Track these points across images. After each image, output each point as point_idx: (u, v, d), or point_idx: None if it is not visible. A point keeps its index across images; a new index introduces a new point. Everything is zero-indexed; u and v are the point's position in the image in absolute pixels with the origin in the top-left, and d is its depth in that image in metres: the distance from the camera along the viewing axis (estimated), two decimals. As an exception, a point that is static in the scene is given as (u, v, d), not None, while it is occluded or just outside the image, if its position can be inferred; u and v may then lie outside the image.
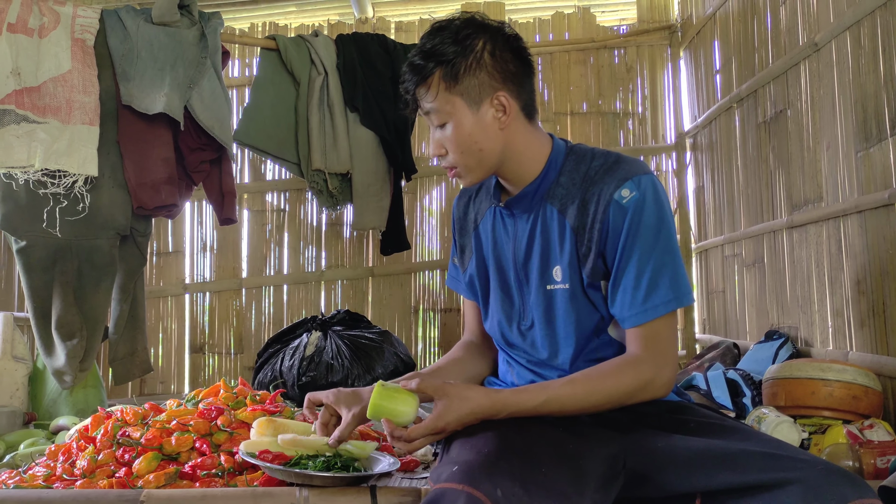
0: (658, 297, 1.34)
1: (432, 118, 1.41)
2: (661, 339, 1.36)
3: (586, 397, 1.31)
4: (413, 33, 4.18)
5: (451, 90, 1.38)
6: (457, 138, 1.39)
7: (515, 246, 1.49)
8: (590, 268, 1.39)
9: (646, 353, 1.34)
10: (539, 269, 1.45)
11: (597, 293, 1.42)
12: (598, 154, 1.45)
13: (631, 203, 1.35)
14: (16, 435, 2.43)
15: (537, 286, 1.45)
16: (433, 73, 1.38)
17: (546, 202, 1.45)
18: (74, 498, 1.51)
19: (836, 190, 2.50)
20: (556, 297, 1.44)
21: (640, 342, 1.35)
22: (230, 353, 4.15)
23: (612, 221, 1.36)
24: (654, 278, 1.34)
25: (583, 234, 1.40)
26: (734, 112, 3.34)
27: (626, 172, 1.37)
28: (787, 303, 2.84)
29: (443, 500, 1.09)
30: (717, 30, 3.54)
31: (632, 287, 1.35)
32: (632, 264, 1.35)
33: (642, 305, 1.34)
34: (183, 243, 4.19)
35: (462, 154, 1.40)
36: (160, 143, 2.97)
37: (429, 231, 4.20)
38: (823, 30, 2.55)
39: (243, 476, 1.65)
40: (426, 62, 1.38)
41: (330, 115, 3.44)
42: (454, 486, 1.10)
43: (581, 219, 1.40)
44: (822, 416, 2.11)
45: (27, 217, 2.79)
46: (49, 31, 2.81)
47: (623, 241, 1.35)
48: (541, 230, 1.45)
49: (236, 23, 4.23)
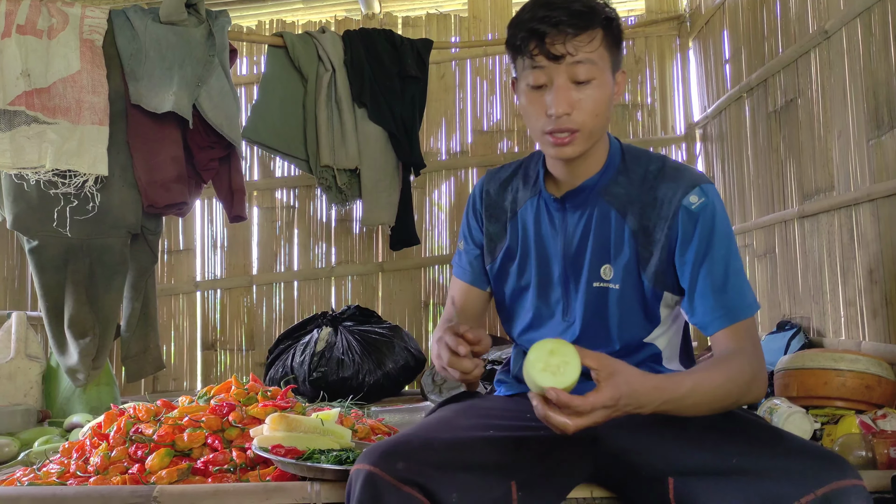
0: (743, 299, 1.34)
1: (579, 71, 1.30)
2: (755, 338, 1.34)
3: (719, 385, 1.22)
4: (420, 28, 4.17)
5: (608, 49, 1.34)
6: (597, 98, 1.32)
7: (566, 240, 1.45)
8: (653, 272, 1.38)
9: (748, 345, 1.31)
10: (589, 265, 1.42)
11: (655, 300, 1.41)
12: (653, 157, 1.45)
13: (700, 209, 1.34)
14: (30, 433, 2.45)
15: (585, 283, 1.43)
16: (598, 27, 1.31)
17: (602, 199, 1.42)
18: (88, 494, 1.53)
19: (848, 179, 2.48)
20: (603, 296, 1.42)
21: (738, 337, 1.32)
22: (241, 349, 4.17)
23: (683, 227, 1.35)
24: (735, 282, 1.34)
25: (645, 236, 1.38)
26: (744, 102, 3.32)
27: (692, 179, 1.37)
28: (799, 293, 2.82)
29: (351, 482, 1.17)
30: (726, 19, 3.52)
31: (716, 291, 1.33)
32: (711, 270, 1.33)
33: (729, 308, 1.33)
34: (193, 241, 4.21)
35: (595, 117, 1.33)
36: (169, 141, 2.98)
37: (438, 226, 4.20)
38: (834, 17, 2.52)
39: (255, 471, 1.66)
40: (593, 14, 1.31)
41: (338, 111, 3.44)
42: (358, 466, 1.17)
43: (643, 221, 1.39)
44: (835, 406, 2.10)
45: (39, 217, 2.81)
46: (58, 32, 2.83)
47: (696, 247, 1.34)
48: (596, 227, 1.42)
49: (244, 21, 4.24)
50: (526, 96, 1.35)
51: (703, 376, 1.22)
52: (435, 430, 1.27)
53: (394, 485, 1.12)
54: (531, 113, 1.36)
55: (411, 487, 1.13)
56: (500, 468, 1.21)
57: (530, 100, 1.35)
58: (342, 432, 1.72)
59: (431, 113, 4.10)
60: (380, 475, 1.13)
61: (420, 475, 1.14)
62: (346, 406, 2.36)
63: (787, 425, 1.86)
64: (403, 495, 1.12)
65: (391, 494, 1.12)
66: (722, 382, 1.22)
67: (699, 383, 1.20)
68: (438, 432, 1.26)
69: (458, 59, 4.21)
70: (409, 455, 1.16)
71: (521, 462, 1.24)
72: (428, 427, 1.30)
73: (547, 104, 1.31)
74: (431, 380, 3.12)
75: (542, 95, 1.33)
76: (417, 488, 1.13)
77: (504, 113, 4.20)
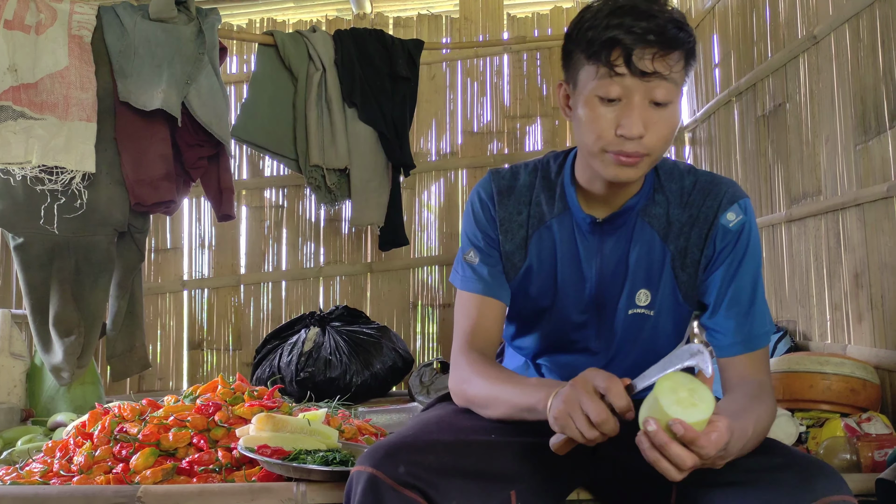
0: (764, 324, 1.32)
1: (659, 91, 1.18)
2: (769, 367, 1.33)
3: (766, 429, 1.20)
4: (411, 29, 4.17)
5: (686, 72, 1.24)
6: (671, 123, 1.23)
7: (602, 263, 1.36)
8: (686, 293, 1.35)
9: (766, 378, 1.31)
10: (626, 292, 1.36)
11: (682, 322, 1.38)
12: (685, 170, 1.38)
13: (738, 227, 1.31)
14: (13, 431, 2.43)
15: (621, 309, 1.36)
16: (684, 49, 1.20)
17: (642, 221, 1.35)
18: (71, 494, 1.51)
19: (835, 183, 2.49)
20: (639, 323, 1.37)
21: (758, 369, 1.30)
22: (228, 349, 4.14)
23: (718, 245, 1.31)
24: (759, 305, 1.32)
25: (684, 258, 1.34)
26: (733, 106, 3.33)
27: (731, 195, 1.32)
28: (786, 296, 2.84)
29: (351, 484, 1.15)
30: (716, 23, 3.54)
31: (742, 314, 1.30)
32: (739, 291, 1.31)
33: (751, 333, 1.30)
34: (181, 240, 4.18)
35: (664, 142, 1.23)
36: (158, 139, 2.96)
37: (427, 227, 4.19)
38: (822, 22, 2.54)
39: (241, 471, 1.65)
40: (682, 30, 1.19)
41: (328, 110, 3.43)
42: (359, 468, 1.15)
43: (682, 243, 1.34)
44: (820, 409, 2.11)
45: (24, 214, 2.79)
46: (46, 27, 2.81)
47: (728, 266, 1.31)
48: (635, 251, 1.35)
49: (234, 19, 4.22)
50: (591, 108, 1.21)
51: (758, 419, 1.16)
52: (436, 431, 1.24)
53: (395, 488, 1.11)
54: (593, 128, 1.21)
55: (412, 491, 1.11)
56: (500, 476, 1.20)
57: (596, 113, 1.20)
58: (329, 433, 1.71)
59: (422, 114, 4.10)
60: (381, 478, 1.11)
61: (421, 479, 1.12)
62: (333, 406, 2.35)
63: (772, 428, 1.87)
64: (405, 499, 1.10)
65: (392, 498, 1.10)
66: (768, 423, 1.21)
67: (757, 428, 1.15)
68: (440, 434, 1.23)
69: (448, 60, 4.20)
70: (411, 458, 1.14)
71: (523, 471, 1.22)
72: (428, 427, 1.26)
73: (620, 123, 1.19)
74: (419, 381, 3.11)
75: (611, 110, 1.20)
76: (418, 492, 1.12)
77: (494, 114, 4.20)
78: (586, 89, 1.22)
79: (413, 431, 1.23)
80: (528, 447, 1.25)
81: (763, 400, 1.23)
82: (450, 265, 3.95)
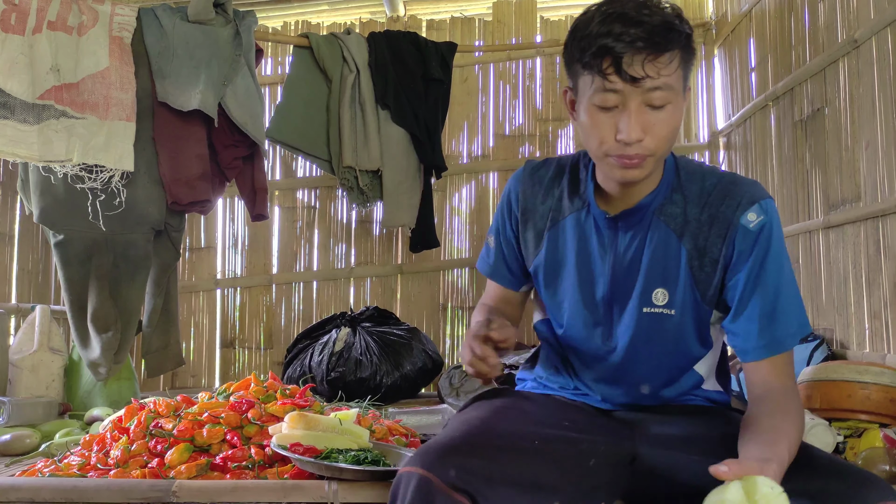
0: (790, 327, 1.29)
1: (654, 95, 1.20)
2: (793, 372, 1.31)
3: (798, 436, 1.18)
4: (444, 31, 4.18)
5: (684, 69, 1.24)
6: (671, 123, 1.23)
7: (615, 261, 1.36)
8: (711, 294, 1.33)
9: (791, 384, 1.29)
10: (640, 289, 1.35)
11: (703, 324, 1.37)
12: (708, 171, 1.37)
13: (758, 228, 1.28)
14: (51, 425, 2.48)
15: (635, 307, 1.36)
16: (676, 47, 1.20)
17: (657, 219, 1.35)
18: (108, 487, 1.54)
19: (875, 189, 2.44)
20: (655, 322, 1.35)
21: (781, 372, 1.29)
22: (260, 348, 4.18)
23: (738, 246, 1.29)
24: (784, 308, 1.28)
25: (702, 258, 1.32)
26: (769, 110, 3.29)
27: (751, 195, 1.30)
28: (823, 304, 2.79)
29: (400, 484, 1.14)
30: (753, 27, 3.49)
31: (765, 317, 1.28)
32: (762, 294, 1.28)
33: (774, 338, 1.28)
34: (215, 239, 4.23)
35: (666, 142, 1.24)
36: (194, 139, 3.00)
37: (458, 229, 4.19)
38: (863, 27, 2.49)
39: (274, 468, 1.66)
40: (672, 32, 1.19)
41: (361, 112, 3.45)
42: (409, 469, 1.13)
43: (699, 242, 1.32)
44: (859, 419, 2.07)
45: (65, 211, 2.84)
46: (88, 28, 2.86)
47: (749, 268, 1.29)
48: (650, 248, 1.35)
49: (270, 21, 4.27)
50: (591, 116, 1.24)
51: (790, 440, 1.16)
52: (481, 434, 1.23)
53: (446, 491, 1.10)
54: (594, 134, 1.25)
55: (462, 495, 1.11)
56: (544, 487, 1.20)
57: (596, 120, 1.24)
58: (360, 432, 1.72)
59: (454, 116, 4.10)
60: (433, 480, 1.10)
61: (470, 485, 1.12)
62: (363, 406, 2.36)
63: (809, 437, 1.84)
64: (455, 503, 1.10)
65: (443, 501, 1.10)
66: (800, 434, 1.19)
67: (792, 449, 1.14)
68: (487, 438, 1.22)
69: (481, 62, 4.21)
70: (461, 462, 1.13)
71: (565, 481, 1.22)
72: (473, 430, 1.24)
73: (619, 129, 1.21)
74: (449, 383, 3.11)
75: (610, 117, 1.22)
76: (468, 497, 1.11)
77: (526, 117, 4.20)
78: (585, 98, 1.25)
79: (460, 433, 1.22)
80: (570, 457, 1.25)
81: (792, 411, 1.22)
82: (480, 268, 3.96)
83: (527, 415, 1.36)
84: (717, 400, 1.46)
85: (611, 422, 1.40)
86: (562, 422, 1.34)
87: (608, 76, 1.19)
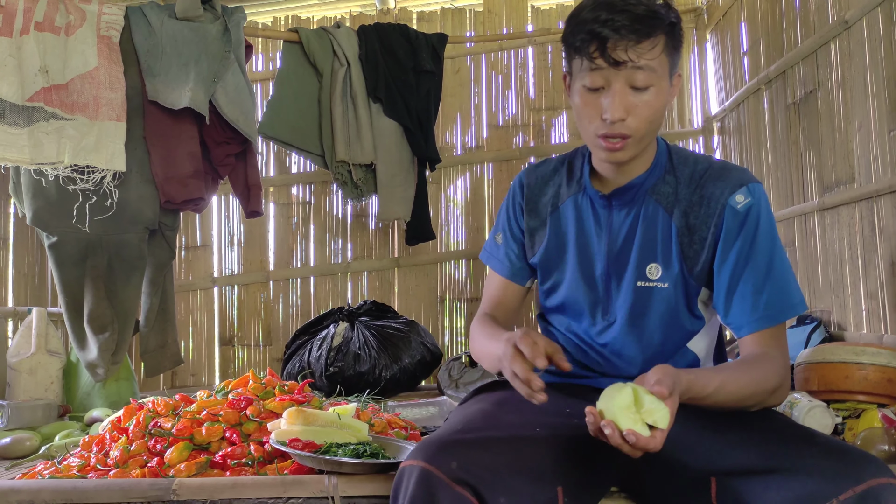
0: (779, 302, 1.34)
1: (637, 77, 1.28)
2: (783, 345, 1.36)
3: (744, 387, 1.25)
4: (435, 23, 4.17)
5: (668, 55, 1.32)
6: (654, 105, 1.31)
7: (610, 238, 1.45)
8: (699, 270, 1.39)
9: (777, 353, 1.33)
10: (635, 264, 1.43)
11: (692, 298, 1.42)
12: (699, 158, 1.45)
13: (746, 209, 1.35)
14: (51, 427, 2.48)
15: (630, 282, 1.43)
16: (659, 33, 1.29)
17: (650, 198, 1.43)
18: (108, 487, 1.54)
19: (869, 170, 2.44)
20: (650, 295, 1.42)
21: (767, 343, 1.34)
22: (259, 344, 4.19)
23: (727, 225, 1.36)
24: (774, 284, 1.34)
25: (691, 234, 1.39)
26: (762, 94, 3.28)
27: (739, 179, 1.38)
28: (820, 286, 2.79)
29: (402, 477, 1.15)
30: (744, 11, 3.48)
31: (753, 293, 1.34)
32: (751, 270, 1.34)
33: (765, 311, 1.34)
34: (210, 237, 4.23)
35: (649, 123, 1.32)
36: (186, 137, 2.99)
37: (454, 221, 4.19)
38: (854, 7, 2.49)
39: (273, 465, 1.66)
40: (655, 19, 1.28)
41: (353, 106, 3.44)
42: (411, 462, 1.15)
43: (690, 220, 1.40)
44: (857, 400, 2.08)
45: (57, 213, 2.84)
46: (75, 28, 2.85)
47: (739, 247, 1.35)
48: (642, 225, 1.43)
49: (259, 17, 4.25)
50: (581, 97, 1.34)
51: (731, 377, 1.24)
52: (484, 427, 1.26)
53: (448, 483, 1.11)
54: (585, 115, 1.34)
55: (463, 488, 1.12)
56: (548, 473, 1.21)
57: (585, 101, 1.33)
58: (359, 426, 1.72)
59: (446, 108, 4.09)
60: (435, 473, 1.11)
61: (472, 476, 1.13)
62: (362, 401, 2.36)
63: (807, 420, 1.84)
64: (456, 495, 1.11)
65: (445, 493, 1.11)
66: (747, 385, 1.25)
67: (725, 385, 1.23)
68: (488, 430, 1.25)
69: (472, 53, 4.19)
70: (462, 454, 1.15)
71: (568, 467, 1.24)
72: (475, 423, 1.27)
73: (603, 108, 1.30)
74: (448, 375, 3.12)
75: (597, 98, 1.31)
76: (469, 489, 1.12)
77: (519, 107, 4.19)
78: (577, 82, 1.35)
79: (462, 426, 1.24)
80: (573, 442, 1.27)
81: (760, 366, 1.28)
82: (477, 259, 3.96)
83: (528, 404, 1.36)
84: None
85: None
86: (564, 409, 1.37)
87: (595, 59, 1.29)
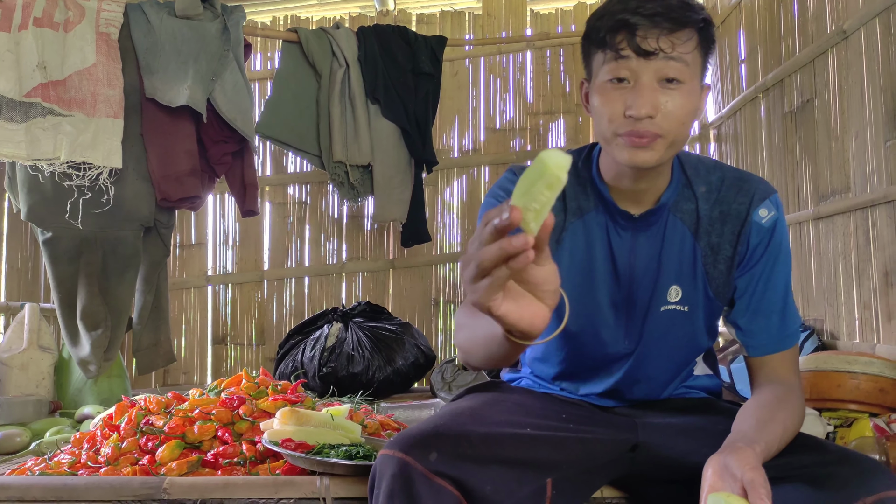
0: (795, 322, 1.31)
1: (669, 68, 1.15)
2: (798, 366, 1.32)
3: (792, 432, 1.18)
4: (434, 25, 4.17)
5: (701, 55, 1.20)
6: (685, 104, 1.17)
7: (632, 261, 1.32)
8: (723, 289, 1.32)
9: (796, 380, 1.30)
10: (659, 288, 1.32)
11: (714, 319, 1.36)
12: (710, 166, 1.35)
13: (771, 223, 1.29)
14: (42, 423, 2.47)
15: (654, 307, 1.33)
16: (694, 28, 1.17)
17: (674, 217, 1.32)
18: (99, 484, 1.53)
19: (865, 180, 2.45)
20: (670, 319, 1.33)
21: (788, 368, 1.30)
22: (252, 344, 4.18)
23: (752, 242, 1.29)
24: (791, 304, 1.31)
25: (716, 255, 1.31)
26: (759, 102, 3.29)
27: (761, 191, 1.31)
28: (813, 295, 2.80)
29: (379, 467, 1.11)
30: (743, 19, 3.49)
31: (777, 313, 1.30)
32: (774, 290, 1.30)
33: (786, 332, 1.30)
34: (205, 235, 4.22)
35: (680, 124, 1.17)
36: (183, 135, 2.99)
37: (449, 223, 4.19)
38: (852, 17, 2.50)
39: (265, 464, 1.66)
40: (690, 11, 1.17)
41: (351, 107, 3.44)
42: (387, 452, 1.11)
43: (712, 238, 1.31)
44: (848, 409, 2.08)
45: (53, 209, 2.83)
46: (74, 24, 2.84)
47: (764, 264, 1.29)
48: (666, 246, 1.32)
49: (258, 16, 4.25)
50: (602, 94, 1.19)
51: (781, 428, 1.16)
52: (468, 421, 1.19)
53: (426, 475, 1.07)
54: (604, 112, 1.18)
55: (443, 480, 1.08)
56: (537, 465, 1.17)
57: (606, 97, 1.18)
58: (352, 427, 1.72)
59: (444, 110, 4.10)
60: (412, 464, 1.07)
61: (454, 468, 1.09)
62: (355, 402, 2.36)
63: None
64: (435, 487, 1.07)
65: (423, 485, 1.06)
66: (794, 426, 1.20)
67: (783, 438, 1.15)
68: (472, 425, 1.18)
69: (471, 56, 4.20)
70: (442, 446, 1.10)
71: (559, 461, 1.20)
72: (459, 418, 1.20)
73: (627, 104, 1.16)
74: (441, 377, 3.11)
75: (621, 93, 1.17)
76: (450, 480, 1.08)
77: (517, 111, 4.19)
78: (598, 78, 1.21)
79: (445, 420, 1.18)
80: (566, 440, 1.23)
81: (790, 402, 1.22)
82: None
83: (521, 406, 1.32)
84: (710, 387, 1.46)
85: (611, 416, 1.37)
86: (559, 415, 1.32)
87: (621, 50, 1.16)
